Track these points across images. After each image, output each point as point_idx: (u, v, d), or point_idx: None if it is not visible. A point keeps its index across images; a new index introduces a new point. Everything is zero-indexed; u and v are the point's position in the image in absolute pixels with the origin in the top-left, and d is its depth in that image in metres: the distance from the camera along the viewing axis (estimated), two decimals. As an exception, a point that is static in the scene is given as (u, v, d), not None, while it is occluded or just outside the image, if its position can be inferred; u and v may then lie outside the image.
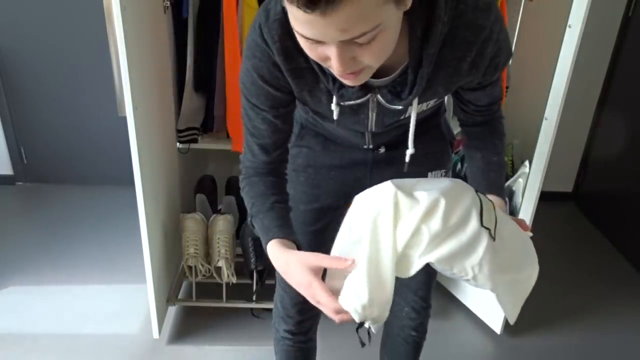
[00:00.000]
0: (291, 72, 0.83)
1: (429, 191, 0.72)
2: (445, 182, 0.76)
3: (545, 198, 1.79)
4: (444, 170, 1.15)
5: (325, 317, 0.81)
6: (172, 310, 2.02)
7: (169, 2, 1.67)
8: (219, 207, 2.15)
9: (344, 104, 0.86)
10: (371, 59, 0.69)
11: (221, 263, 1.85)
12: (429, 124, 1.12)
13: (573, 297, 2.24)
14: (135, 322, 1.97)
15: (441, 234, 0.70)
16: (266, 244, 0.86)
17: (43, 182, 2.92)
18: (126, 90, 1.41)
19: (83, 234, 2.49)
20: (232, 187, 2.14)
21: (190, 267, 1.90)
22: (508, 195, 1.89)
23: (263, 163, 0.94)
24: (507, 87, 2.22)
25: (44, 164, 2.89)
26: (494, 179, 1.01)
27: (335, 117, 0.87)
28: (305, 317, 1.25)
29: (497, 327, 1.97)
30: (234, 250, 1.94)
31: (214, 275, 1.90)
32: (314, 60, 0.77)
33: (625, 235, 2.54)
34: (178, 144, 1.88)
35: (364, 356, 1.83)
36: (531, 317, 2.08)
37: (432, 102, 0.91)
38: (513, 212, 1.86)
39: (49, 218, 2.63)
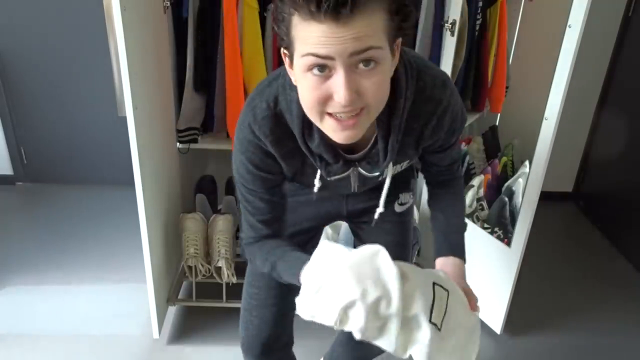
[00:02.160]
0: (283, 156, 0.93)
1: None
2: (416, 279, 0.84)
3: (545, 198, 1.79)
4: (412, 192, 1.27)
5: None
6: (172, 310, 2.02)
7: (169, 2, 1.66)
8: (219, 207, 2.15)
9: (330, 179, 0.97)
10: (371, 94, 0.76)
11: (221, 263, 1.85)
12: None
13: (573, 297, 2.24)
14: (135, 322, 1.97)
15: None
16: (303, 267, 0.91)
17: (43, 182, 2.92)
18: (126, 90, 1.41)
19: (83, 234, 2.49)
20: (232, 187, 2.14)
21: (190, 267, 1.90)
22: (508, 195, 1.89)
23: (267, 235, 1.02)
24: (507, 87, 2.22)
25: (44, 164, 2.89)
26: (455, 241, 1.11)
27: (315, 190, 0.99)
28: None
29: (497, 327, 1.97)
30: (234, 250, 1.94)
31: (214, 275, 1.90)
32: (303, 143, 0.89)
33: (625, 235, 2.54)
34: (178, 144, 1.88)
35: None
36: (531, 317, 2.08)
37: (405, 164, 1.04)
38: (513, 212, 1.86)
39: (49, 218, 2.63)
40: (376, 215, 1.07)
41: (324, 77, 0.74)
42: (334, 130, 0.80)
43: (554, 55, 1.48)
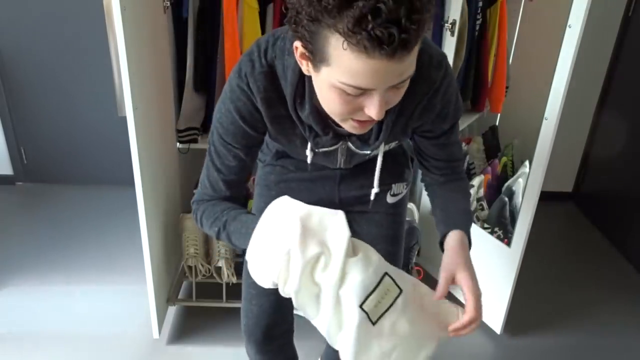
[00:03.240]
0: (271, 119, 0.91)
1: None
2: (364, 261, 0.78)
3: (545, 198, 1.79)
4: (405, 183, 1.23)
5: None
6: (172, 310, 2.02)
7: (169, 2, 1.67)
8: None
9: (318, 150, 0.96)
10: (397, 99, 0.77)
11: (221, 263, 1.86)
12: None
13: (573, 297, 2.24)
14: (135, 322, 1.97)
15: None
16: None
17: (43, 182, 2.92)
18: (126, 90, 1.41)
19: (83, 234, 2.49)
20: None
21: (190, 267, 1.90)
22: (508, 195, 1.89)
23: (224, 197, 0.99)
24: (507, 87, 2.22)
25: (44, 164, 2.89)
26: (454, 218, 1.02)
27: (309, 160, 0.98)
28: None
29: (497, 327, 1.97)
30: (234, 250, 1.94)
31: (214, 275, 1.90)
32: (293, 111, 0.87)
33: (625, 235, 2.54)
34: (178, 144, 1.89)
35: None
36: (531, 317, 2.08)
37: (393, 144, 1.03)
38: (513, 212, 1.86)
39: (49, 218, 2.63)
40: (372, 196, 1.04)
41: (359, 97, 0.73)
42: (353, 128, 0.80)
43: (554, 55, 1.48)
